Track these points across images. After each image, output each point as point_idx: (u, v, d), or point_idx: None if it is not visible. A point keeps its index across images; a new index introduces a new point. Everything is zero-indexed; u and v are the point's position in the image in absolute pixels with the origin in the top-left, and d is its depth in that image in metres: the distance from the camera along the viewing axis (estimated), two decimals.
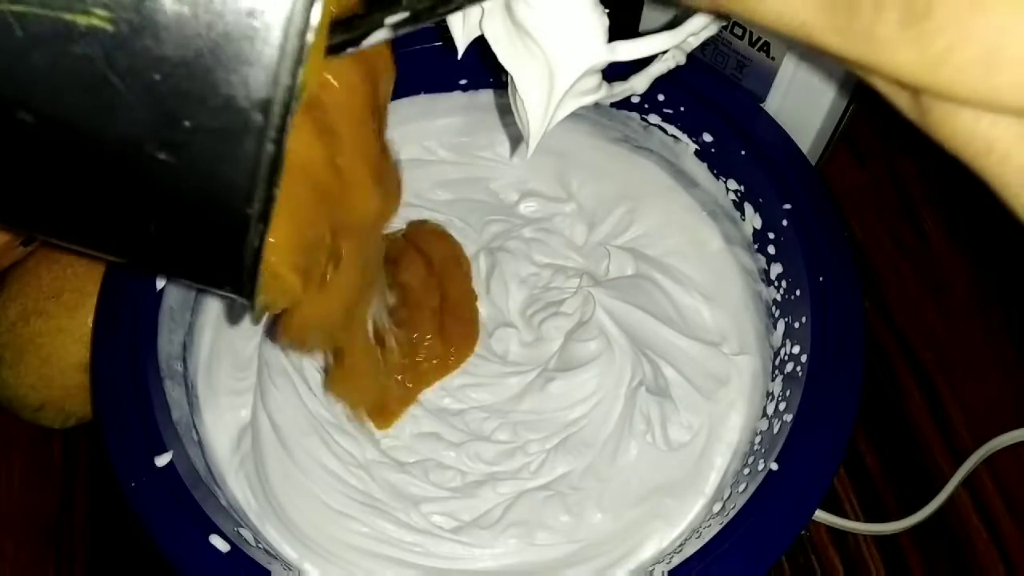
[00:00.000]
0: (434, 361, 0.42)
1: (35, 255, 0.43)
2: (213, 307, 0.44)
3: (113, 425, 0.36)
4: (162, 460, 0.35)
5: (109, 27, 0.19)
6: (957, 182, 0.19)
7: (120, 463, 0.35)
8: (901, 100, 0.18)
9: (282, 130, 0.20)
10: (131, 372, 0.37)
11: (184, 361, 0.41)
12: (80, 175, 0.22)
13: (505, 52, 0.28)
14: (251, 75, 0.20)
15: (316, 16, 0.19)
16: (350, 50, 0.23)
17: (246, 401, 0.41)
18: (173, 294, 0.41)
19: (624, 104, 0.46)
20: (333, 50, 0.22)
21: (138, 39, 0.19)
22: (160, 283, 0.40)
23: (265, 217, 0.21)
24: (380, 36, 0.23)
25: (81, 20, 0.19)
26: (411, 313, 0.41)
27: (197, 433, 0.40)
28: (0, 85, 0.20)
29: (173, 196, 0.21)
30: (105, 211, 0.23)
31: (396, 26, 0.23)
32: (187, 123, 0.20)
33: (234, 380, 0.42)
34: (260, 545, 0.37)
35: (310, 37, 0.20)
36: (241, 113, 0.20)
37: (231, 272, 0.23)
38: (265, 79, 0.20)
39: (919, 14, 0.16)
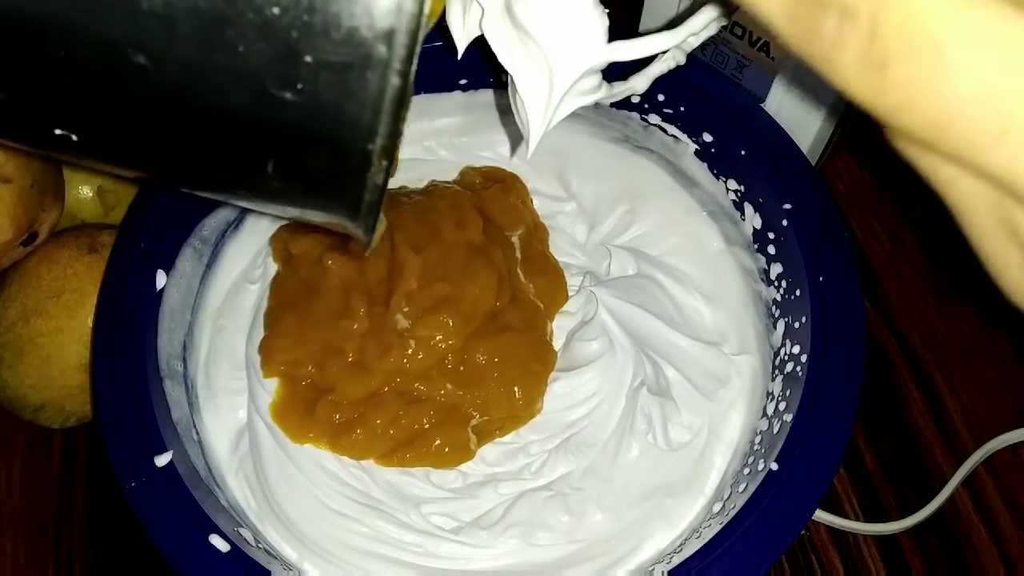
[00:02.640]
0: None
1: (35, 255, 0.43)
2: (212, 307, 0.44)
3: (113, 425, 0.36)
4: (162, 460, 0.35)
5: None
6: None
7: (120, 463, 0.35)
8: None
9: (409, 61, 0.19)
10: (131, 372, 0.37)
11: (184, 361, 0.41)
12: (199, 116, 0.21)
13: (505, 52, 0.28)
14: (374, 4, 0.19)
15: None
16: None
17: (243, 402, 0.41)
18: (173, 294, 0.41)
19: (624, 104, 0.46)
20: None
21: None
22: (160, 283, 0.40)
23: (390, 153, 0.20)
24: None
25: None
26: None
27: (197, 433, 0.40)
28: (114, 28, 0.19)
29: (294, 134, 0.20)
30: (223, 151, 0.22)
31: None
32: (308, 58, 0.19)
33: (232, 380, 0.42)
34: (260, 545, 0.36)
35: None
36: (364, 45, 0.19)
37: (351, 208, 0.22)
38: (388, 6, 0.19)
39: (877, 62, 0.15)
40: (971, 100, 0.15)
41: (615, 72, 0.30)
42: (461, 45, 0.29)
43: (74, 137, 0.22)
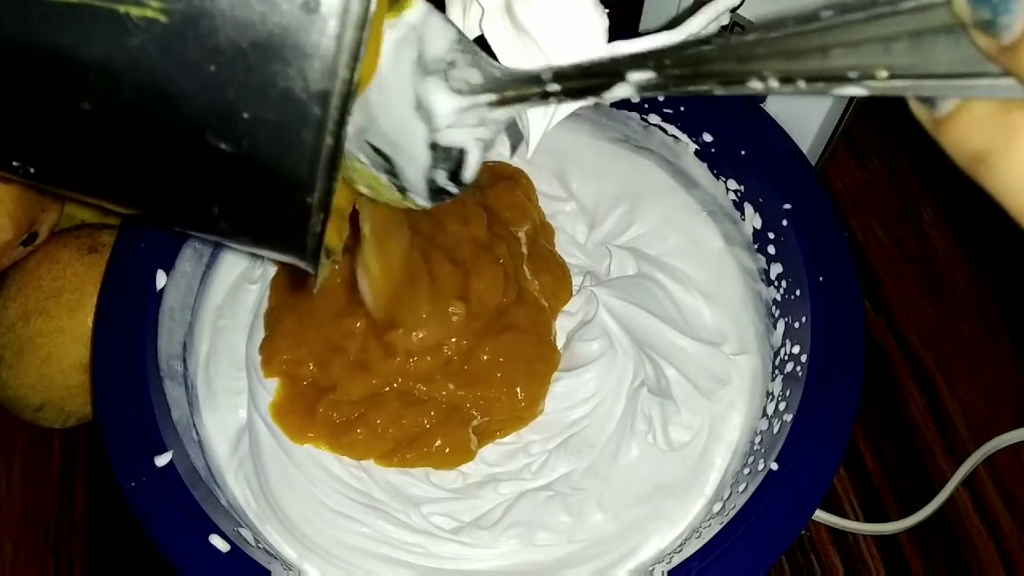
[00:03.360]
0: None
1: (35, 255, 0.43)
2: (211, 307, 0.44)
3: (113, 425, 0.36)
4: (162, 460, 0.35)
5: (163, 18, 0.19)
6: (957, 183, 0.19)
7: (120, 463, 0.35)
8: None
9: (341, 123, 0.20)
10: (131, 372, 0.37)
11: (184, 361, 0.41)
12: (141, 161, 0.22)
13: (505, 52, 0.28)
14: (308, 67, 0.19)
15: (373, 6, 0.19)
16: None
17: (243, 401, 0.41)
18: (173, 294, 0.41)
19: (624, 104, 0.46)
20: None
21: (192, 30, 0.19)
22: (160, 283, 0.40)
23: (326, 206, 0.21)
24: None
25: (135, 12, 0.19)
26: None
27: (197, 433, 0.40)
28: (59, 77, 0.20)
29: (234, 183, 0.21)
30: (169, 193, 0.23)
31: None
32: (245, 115, 0.20)
33: (232, 380, 0.42)
34: (260, 545, 0.37)
35: (367, 28, 0.19)
36: (299, 105, 0.20)
37: (296, 251, 0.23)
38: (322, 71, 0.19)
39: None
40: None
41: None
42: None
43: (31, 170, 0.23)
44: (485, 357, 0.40)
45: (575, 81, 0.21)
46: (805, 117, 0.44)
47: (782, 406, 0.38)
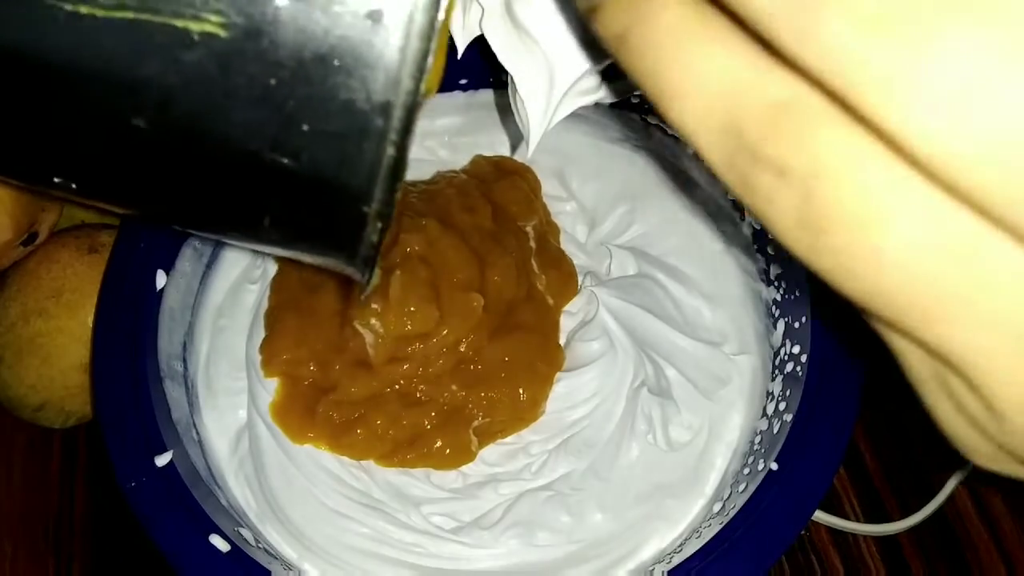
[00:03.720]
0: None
1: (35, 255, 0.43)
2: (212, 307, 0.44)
3: (113, 425, 0.36)
4: (162, 460, 0.35)
5: (223, 32, 0.19)
6: None
7: (120, 463, 0.35)
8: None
9: (405, 133, 0.19)
10: (131, 372, 0.37)
11: (184, 361, 0.41)
12: (193, 176, 0.21)
13: (505, 52, 0.28)
14: (371, 78, 0.19)
15: (440, 16, 0.19)
16: None
17: (243, 401, 0.41)
18: (173, 294, 0.41)
19: (624, 103, 0.46)
20: None
21: (252, 44, 0.19)
22: (160, 283, 0.40)
23: (384, 216, 0.21)
24: None
25: (194, 26, 0.19)
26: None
27: (197, 433, 0.40)
28: (112, 92, 0.20)
29: (290, 196, 0.21)
30: (221, 207, 0.22)
31: None
32: (305, 127, 0.20)
33: (232, 380, 0.42)
34: (260, 545, 0.36)
35: (434, 39, 0.19)
36: (361, 116, 0.19)
37: (347, 259, 0.23)
38: (385, 83, 0.19)
39: (812, 226, 0.14)
40: (904, 277, 0.14)
41: (616, 72, 0.30)
42: (461, 45, 0.29)
43: (73, 185, 0.23)
44: (491, 358, 0.40)
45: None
46: None
47: (782, 406, 0.38)
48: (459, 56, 0.30)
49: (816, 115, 0.14)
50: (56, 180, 0.22)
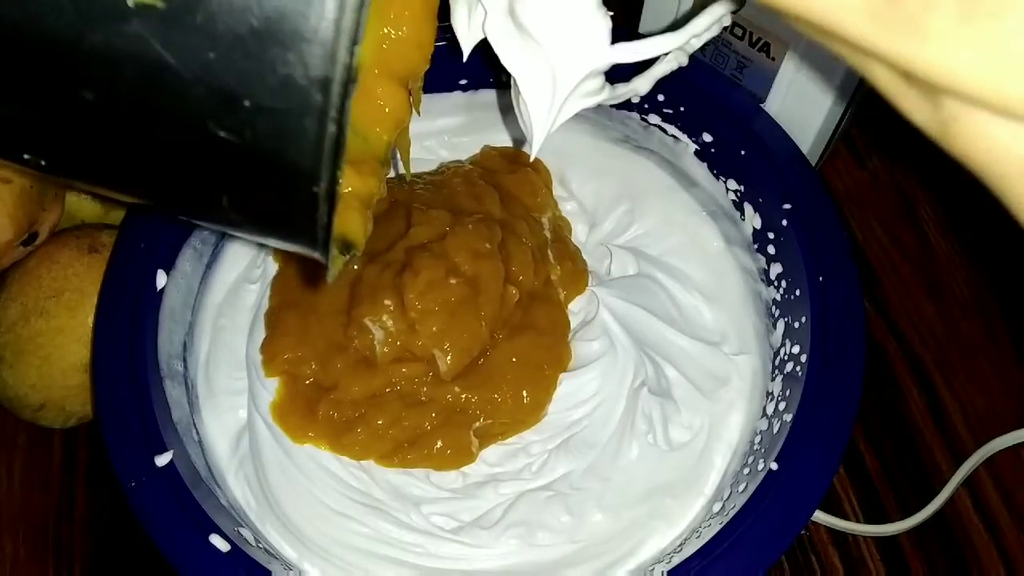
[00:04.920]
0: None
1: (35, 255, 0.43)
2: (212, 307, 0.44)
3: (113, 425, 0.36)
4: (162, 460, 0.35)
5: (160, 4, 0.19)
6: (957, 182, 0.19)
7: (120, 463, 0.35)
8: (916, 105, 0.17)
9: (342, 110, 0.20)
10: (131, 372, 0.37)
11: (184, 361, 0.41)
12: (146, 150, 0.22)
13: (508, 54, 0.28)
14: (308, 52, 0.19)
15: None
16: None
17: (243, 401, 0.41)
18: (173, 294, 0.41)
19: (624, 104, 0.46)
20: None
21: (190, 16, 0.19)
22: (160, 282, 0.40)
23: (331, 196, 0.21)
24: None
25: None
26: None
27: (197, 433, 0.40)
28: (60, 66, 0.20)
29: (240, 174, 0.21)
30: (178, 184, 0.23)
31: None
32: (246, 103, 0.20)
33: (232, 380, 0.42)
34: (260, 545, 0.37)
35: (364, 10, 0.19)
36: (300, 92, 0.19)
37: (308, 241, 0.23)
38: (322, 55, 0.19)
39: (987, 11, 0.14)
40: None
41: (617, 73, 0.30)
42: (466, 48, 0.29)
43: (42, 162, 0.23)
44: (499, 358, 0.40)
45: None
46: (805, 117, 0.44)
47: (782, 406, 0.38)
48: (464, 59, 0.30)
49: None
50: (25, 157, 0.23)
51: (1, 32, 0.20)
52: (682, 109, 0.44)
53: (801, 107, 0.43)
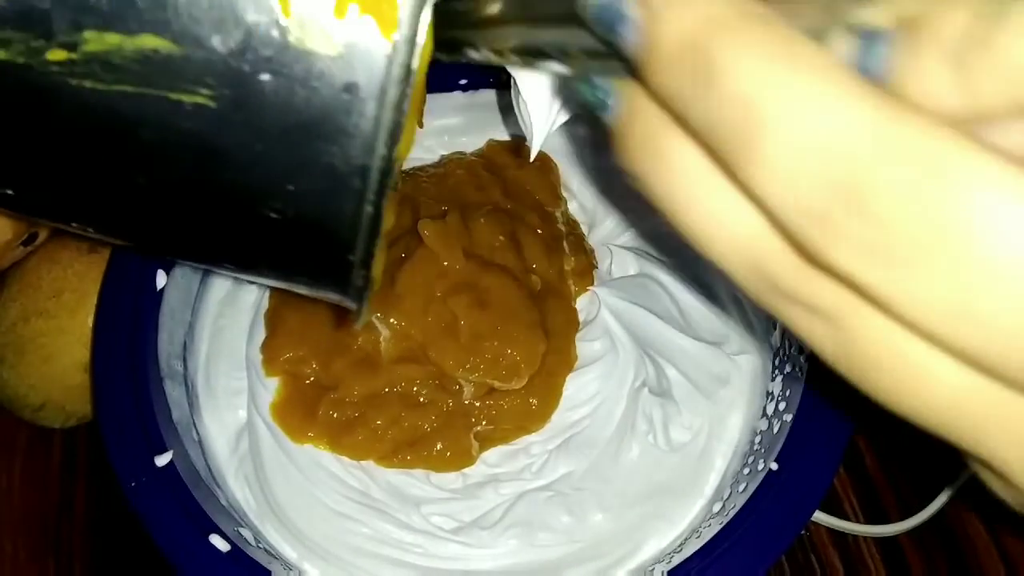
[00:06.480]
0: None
1: (35, 255, 0.43)
2: (212, 307, 0.44)
3: (113, 425, 0.36)
4: (162, 460, 0.35)
5: (212, 104, 0.20)
6: None
7: (120, 463, 0.35)
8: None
9: (380, 194, 0.21)
10: (131, 372, 0.37)
11: (184, 361, 0.41)
12: (193, 226, 0.24)
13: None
14: (348, 145, 0.21)
15: (411, 88, 0.20)
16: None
17: (243, 401, 0.41)
18: (173, 294, 0.41)
19: None
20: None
21: (240, 114, 0.21)
22: (160, 282, 0.40)
23: (367, 264, 0.23)
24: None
25: (187, 99, 0.21)
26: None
27: (197, 433, 0.40)
28: (117, 154, 0.22)
29: (282, 244, 0.23)
30: (220, 252, 0.25)
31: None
32: (290, 187, 0.21)
33: (232, 380, 0.42)
34: (260, 545, 0.36)
35: (404, 110, 0.20)
36: (340, 178, 0.21)
37: (339, 295, 0.25)
38: (362, 149, 0.21)
39: (850, 359, 0.16)
40: (944, 406, 0.16)
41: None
42: None
43: (90, 229, 0.25)
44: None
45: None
46: None
47: (782, 406, 0.38)
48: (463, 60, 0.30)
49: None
50: (74, 224, 0.25)
51: (63, 123, 0.21)
52: None
53: None
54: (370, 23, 0.20)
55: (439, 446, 0.39)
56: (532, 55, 0.19)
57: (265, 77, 0.20)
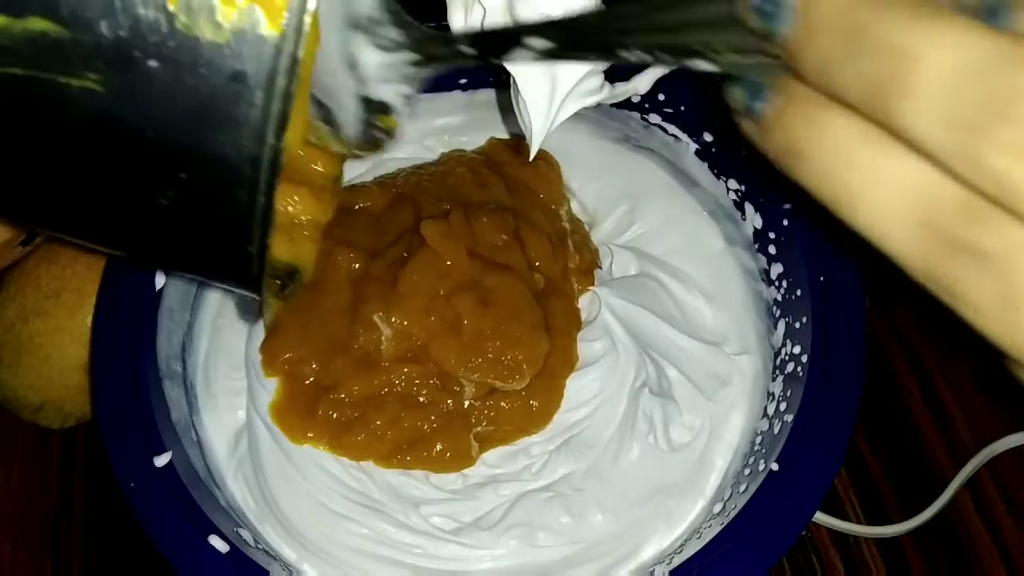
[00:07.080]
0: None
1: (34, 255, 0.43)
2: (210, 307, 0.43)
3: (113, 425, 0.36)
4: (161, 460, 0.35)
5: (101, 88, 0.21)
6: None
7: (120, 463, 0.35)
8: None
9: (271, 184, 0.22)
10: (131, 372, 0.37)
11: (183, 361, 0.41)
12: (91, 212, 0.24)
13: None
14: (238, 134, 0.21)
15: (297, 76, 0.20)
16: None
17: (242, 402, 0.41)
18: (172, 294, 0.41)
19: (625, 104, 0.46)
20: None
21: (129, 100, 0.21)
22: (160, 282, 0.40)
23: (262, 256, 0.23)
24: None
25: (75, 83, 0.21)
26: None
27: (196, 433, 0.40)
28: (9, 137, 0.22)
29: (180, 234, 0.23)
30: (122, 240, 0.25)
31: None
32: (183, 174, 0.22)
33: (231, 381, 0.42)
34: (259, 546, 0.36)
35: (291, 100, 0.21)
36: (232, 168, 0.21)
37: (242, 285, 0.25)
38: (252, 138, 0.21)
39: (1014, 306, 0.16)
40: None
41: (617, 72, 0.30)
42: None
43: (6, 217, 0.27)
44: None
45: (484, 43, 0.24)
46: None
47: (783, 406, 0.38)
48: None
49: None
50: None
51: None
52: (682, 109, 0.44)
53: None
54: (257, 12, 0.20)
55: (439, 446, 0.39)
56: (683, 55, 0.20)
57: (153, 64, 0.20)
